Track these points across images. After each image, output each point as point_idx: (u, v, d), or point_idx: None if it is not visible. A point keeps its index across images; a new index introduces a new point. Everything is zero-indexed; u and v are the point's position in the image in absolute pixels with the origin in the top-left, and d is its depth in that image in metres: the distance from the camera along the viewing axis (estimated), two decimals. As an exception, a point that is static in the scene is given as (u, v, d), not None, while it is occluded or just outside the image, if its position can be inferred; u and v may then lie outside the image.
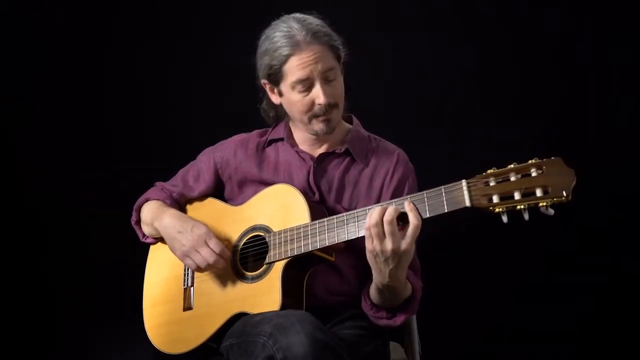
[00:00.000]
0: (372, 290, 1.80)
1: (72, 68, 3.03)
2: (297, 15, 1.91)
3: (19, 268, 3.02)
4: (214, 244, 1.89)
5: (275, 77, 1.90)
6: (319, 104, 1.86)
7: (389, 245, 1.62)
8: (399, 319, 1.82)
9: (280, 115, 2.04)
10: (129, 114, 3.05)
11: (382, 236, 1.62)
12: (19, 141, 3.06)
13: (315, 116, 1.89)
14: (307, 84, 1.86)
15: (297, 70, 1.84)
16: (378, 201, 1.90)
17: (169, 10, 3.07)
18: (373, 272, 1.71)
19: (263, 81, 1.96)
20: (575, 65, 2.87)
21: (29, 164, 3.05)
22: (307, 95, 1.87)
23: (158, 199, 2.08)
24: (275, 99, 1.97)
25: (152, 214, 2.04)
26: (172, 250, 1.97)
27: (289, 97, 1.91)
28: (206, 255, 1.88)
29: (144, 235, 2.11)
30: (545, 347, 2.89)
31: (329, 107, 1.88)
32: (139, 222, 2.11)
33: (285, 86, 1.89)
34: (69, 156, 3.05)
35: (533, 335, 2.91)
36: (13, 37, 3.02)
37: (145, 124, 3.04)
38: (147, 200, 2.10)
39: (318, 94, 1.85)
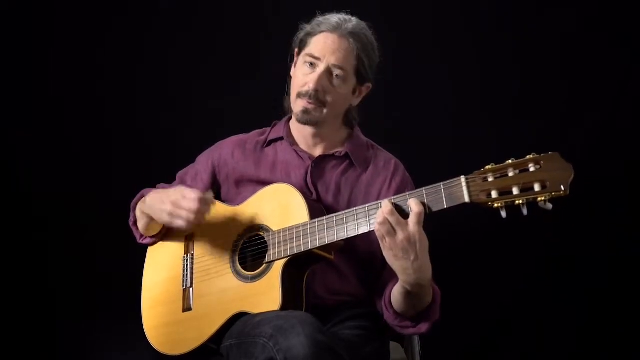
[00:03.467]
0: (397, 297, 1.76)
1: (72, 68, 3.03)
2: (362, 22, 1.98)
3: (19, 268, 3.02)
4: (189, 192, 1.85)
5: (302, 44, 1.97)
6: (308, 86, 1.90)
7: (400, 235, 1.60)
8: (424, 327, 1.78)
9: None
10: (129, 114, 3.04)
11: (392, 231, 1.61)
12: (19, 141, 3.06)
13: (300, 96, 1.92)
14: (313, 63, 1.91)
15: (315, 44, 1.92)
16: None
17: (169, 10, 3.06)
18: (399, 275, 1.67)
19: (295, 50, 2.01)
20: (575, 65, 2.87)
21: (29, 164, 3.05)
22: (308, 74, 1.91)
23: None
24: (292, 71, 2.01)
25: (140, 205, 2.03)
26: (160, 220, 1.92)
27: (297, 68, 1.96)
28: (188, 205, 1.83)
29: (141, 236, 2.09)
30: (545, 346, 2.89)
31: (316, 99, 1.90)
32: (136, 222, 2.10)
33: (301, 56, 1.96)
34: (69, 156, 3.04)
35: (533, 335, 2.91)
36: (12, 37, 3.02)
37: (145, 124, 3.04)
38: (142, 197, 2.08)
39: (313, 77, 1.90)
